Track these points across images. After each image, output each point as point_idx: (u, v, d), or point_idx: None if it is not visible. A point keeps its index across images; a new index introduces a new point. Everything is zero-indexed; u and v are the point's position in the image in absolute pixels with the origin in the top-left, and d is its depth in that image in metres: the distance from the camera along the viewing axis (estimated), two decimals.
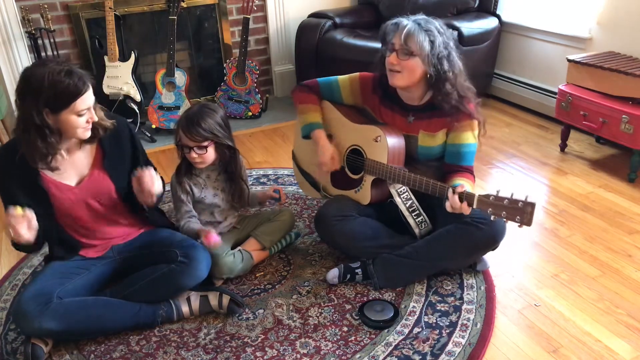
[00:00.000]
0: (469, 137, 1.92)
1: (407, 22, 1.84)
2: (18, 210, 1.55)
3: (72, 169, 1.76)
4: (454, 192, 1.71)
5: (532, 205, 1.57)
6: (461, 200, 1.70)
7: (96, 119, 1.69)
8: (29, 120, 1.59)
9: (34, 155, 1.64)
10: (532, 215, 1.57)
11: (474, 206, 1.68)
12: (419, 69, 1.84)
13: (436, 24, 1.85)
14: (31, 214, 1.57)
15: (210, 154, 1.98)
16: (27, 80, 1.57)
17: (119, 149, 1.82)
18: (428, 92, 1.93)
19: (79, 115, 1.62)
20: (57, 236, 1.79)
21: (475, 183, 1.94)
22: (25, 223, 1.56)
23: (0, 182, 1.72)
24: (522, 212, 1.58)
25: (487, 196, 1.65)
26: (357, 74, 2.09)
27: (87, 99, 1.63)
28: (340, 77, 2.12)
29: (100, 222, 1.85)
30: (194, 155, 1.94)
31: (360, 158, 2.03)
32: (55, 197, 1.73)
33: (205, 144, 1.94)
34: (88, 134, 1.71)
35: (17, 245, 1.68)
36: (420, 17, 1.87)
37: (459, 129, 1.91)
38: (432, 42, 1.80)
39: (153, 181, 1.73)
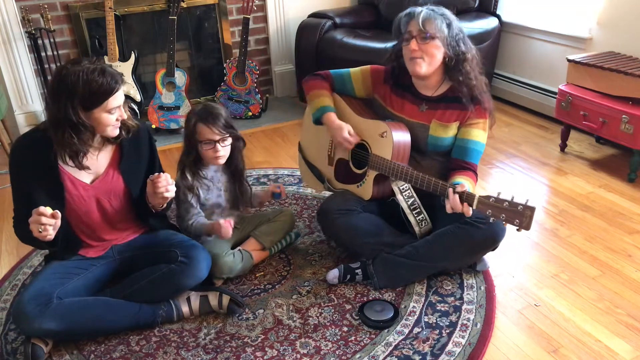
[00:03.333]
0: (479, 135, 1.93)
1: (421, 9, 1.88)
2: (49, 209, 1.55)
3: (90, 166, 1.78)
4: (454, 192, 1.71)
5: (532, 209, 1.56)
6: (461, 201, 1.70)
7: (125, 116, 1.73)
8: (63, 118, 1.62)
9: (66, 153, 1.68)
10: (531, 219, 1.57)
11: (474, 207, 1.68)
12: (439, 52, 1.87)
13: (450, 12, 1.90)
14: (59, 215, 1.58)
15: (229, 148, 1.99)
16: (62, 79, 1.60)
17: (136, 153, 1.84)
18: (443, 83, 1.95)
19: (111, 112, 1.66)
20: (63, 233, 1.79)
21: (477, 183, 1.94)
22: (54, 223, 1.57)
23: (17, 173, 1.72)
24: (522, 215, 1.58)
25: (488, 197, 1.65)
26: (369, 65, 2.11)
27: (119, 97, 1.67)
28: (352, 69, 2.14)
29: (105, 222, 1.85)
30: (219, 148, 1.94)
31: (366, 153, 2.03)
32: (68, 191, 1.74)
33: (228, 135, 1.95)
34: (117, 132, 1.74)
35: (29, 240, 1.69)
36: (431, 6, 1.91)
37: (471, 125, 1.93)
38: (448, 25, 1.86)
39: (168, 187, 1.74)
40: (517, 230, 1.60)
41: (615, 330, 1.77)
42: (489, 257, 2.04)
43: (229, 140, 1.98)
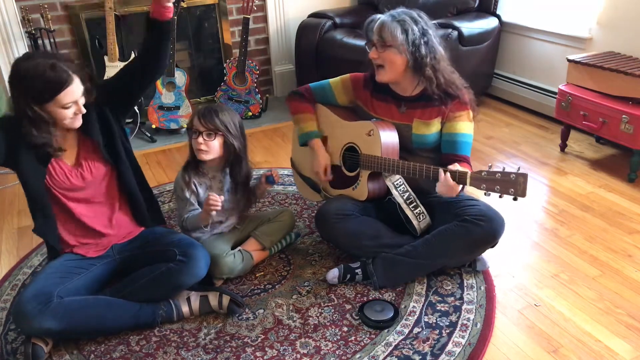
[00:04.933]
0: (465, 127, 1.94)
1: (380, 16, 1.92)
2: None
3: (69, 148, 1.78)
4: (445, 172, 1.73)
5: (525, 176, 1.59)
6: (453, 179, 1.72)
7: (84, 111, 1.70)
8: (20, 111, 1.63)
9: (35, 144, 1.67)
10: (525, 186, 1.59)
11: (467, 184, 1.70)
12: (397, 59, 1.89)
13: (413, 14, 1.90)
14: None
15: (216, 147, 1.97)
16: (15, 74, 1.61)
17: (99, 121, 1.82)
18: (420, 84, 1.95)
19: (65, 107, 1.64)
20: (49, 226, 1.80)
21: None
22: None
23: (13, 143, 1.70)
24: (515, 184, 1.60)
25: (480, 172, 1.68)
26: (348, 74, 2.14)
27: (72, 92, 1.64)
28: (331, 80, 2.17)
29: (98, 214, 1.85)
30: (200, 140, 1.94)
31: (356, 155, 2.04)
32: (53, 168, 1.74)
33: (214, 132, 1.95)
34: (78, 123, 1.72)
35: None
36: (398, 9, 1.92)
37: (454, 118, 1.93)
38: (405, 31, 1.86)
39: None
40: (514, 199, 1.62)
41: (615, 330, 1.77)
42: (489, 257, 2.04)
43: (217, 140, 1.96)
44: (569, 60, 2.89)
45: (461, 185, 1.74)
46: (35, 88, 1.59)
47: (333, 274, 2.01)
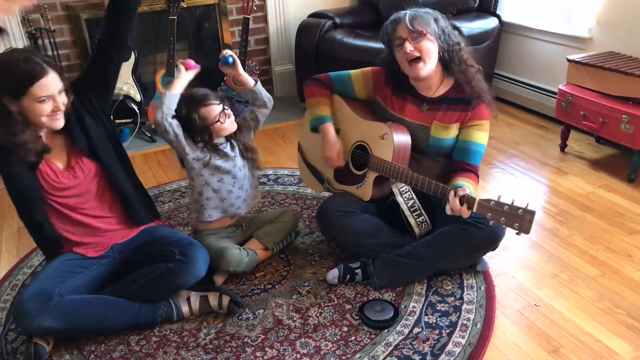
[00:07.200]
0: (480, 137, 1.93)
1: (404, 12, 1.91)
2: None
3: (57, 150, 1.77)
4: (455, 195, 1.71)
5: (532, 213, 1.57)
6: (462, 203, 1.70)
7: (63, 108, 1.67)
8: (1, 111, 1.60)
9: (17, 148, 1.64)
10: (531, 223, 1.57)
11: (474, 210, 1.68)
12: (434, 47, 1.88)
13: (429, 11, 1.92)
14: None
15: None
16: None
17: (79, 124, 1.80)
18: (443, 83, 1.95)
19: (40, 101, 1.61)
20: (42, 228, 1.79)
21: (478, 184, 1.94)
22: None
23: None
24: (522, 219, 1.58)
25: (488, 201, 1.65)
26: (370, 67, 2.11)
27: (46, 85, 1.60)
28: (352, 71, 2.13)
29: (88, 214, 1.84)
30: (229, 114, 2.05)
31: (365, 154, 2.03)
32: (45, 173, 1.74)
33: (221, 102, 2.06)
34: (60, 124, 1.68)
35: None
36: (413, 7, 1.94)
37: (473, 126, 1.93)
38: (435, 20, 1.88)
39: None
40: (517, 233, 1.60)
41: (615, 330, 1.77)
42: (489, 257, 2.04)
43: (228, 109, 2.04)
44: (569, 60, 2.89)
45: (470, 211, 1.71)
46: (9, 81, 1.57)
47: (333, 274, 2.01)
